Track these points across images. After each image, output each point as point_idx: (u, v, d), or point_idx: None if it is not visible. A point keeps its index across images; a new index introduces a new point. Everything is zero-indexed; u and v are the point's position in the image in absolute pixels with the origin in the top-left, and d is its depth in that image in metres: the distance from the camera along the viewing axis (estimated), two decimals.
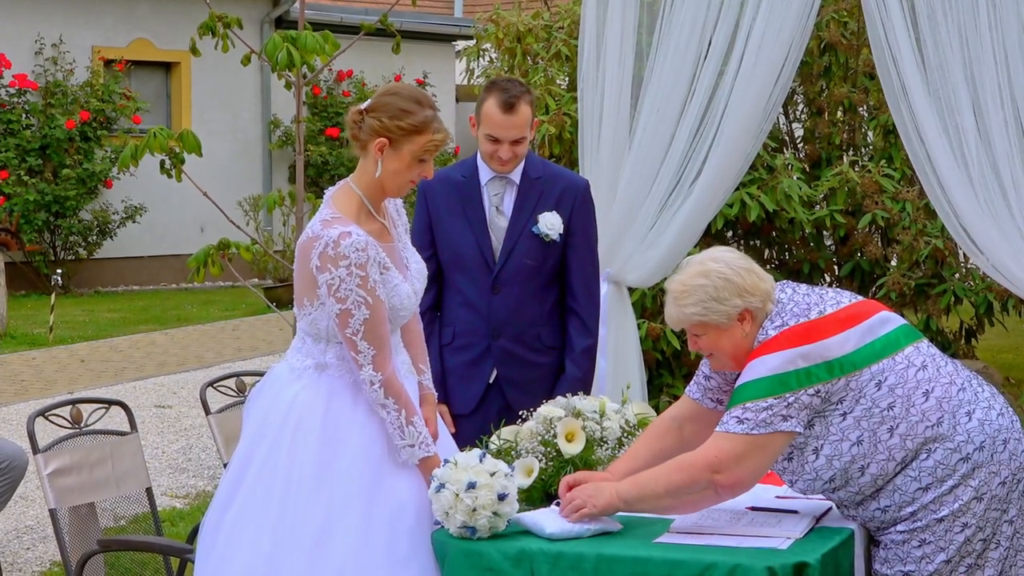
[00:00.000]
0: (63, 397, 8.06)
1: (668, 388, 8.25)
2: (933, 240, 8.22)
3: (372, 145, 4.30)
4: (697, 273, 4.11)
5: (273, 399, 4.37)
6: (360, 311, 4.21)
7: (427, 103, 4.34)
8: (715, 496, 4.06)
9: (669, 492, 4.06)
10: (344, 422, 4.29)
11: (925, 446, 4.00)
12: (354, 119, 4.34)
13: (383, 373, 4.25)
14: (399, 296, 4.36)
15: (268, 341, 14.31)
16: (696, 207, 6.19)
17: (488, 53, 10.30)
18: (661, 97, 6.15)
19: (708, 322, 4.09)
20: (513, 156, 5.22)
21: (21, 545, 7.53)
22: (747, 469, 4.01)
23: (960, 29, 5.65)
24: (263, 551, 4.19)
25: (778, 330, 4.05)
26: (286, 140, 20.21)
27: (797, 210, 8.43)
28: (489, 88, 5.23)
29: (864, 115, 9.17)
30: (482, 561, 4.02)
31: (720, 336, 4.11)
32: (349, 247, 4.19)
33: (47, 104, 17.84)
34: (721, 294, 4.06)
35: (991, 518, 4.00)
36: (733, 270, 4.09)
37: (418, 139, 4.30)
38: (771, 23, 5.96)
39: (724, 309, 4.07)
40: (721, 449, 4.00)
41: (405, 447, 4.27)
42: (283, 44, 6.61)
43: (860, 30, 8.91)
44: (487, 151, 5.25)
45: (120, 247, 18.71)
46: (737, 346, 4.11)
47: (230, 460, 4.57)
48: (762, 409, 3.96)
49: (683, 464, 4.07)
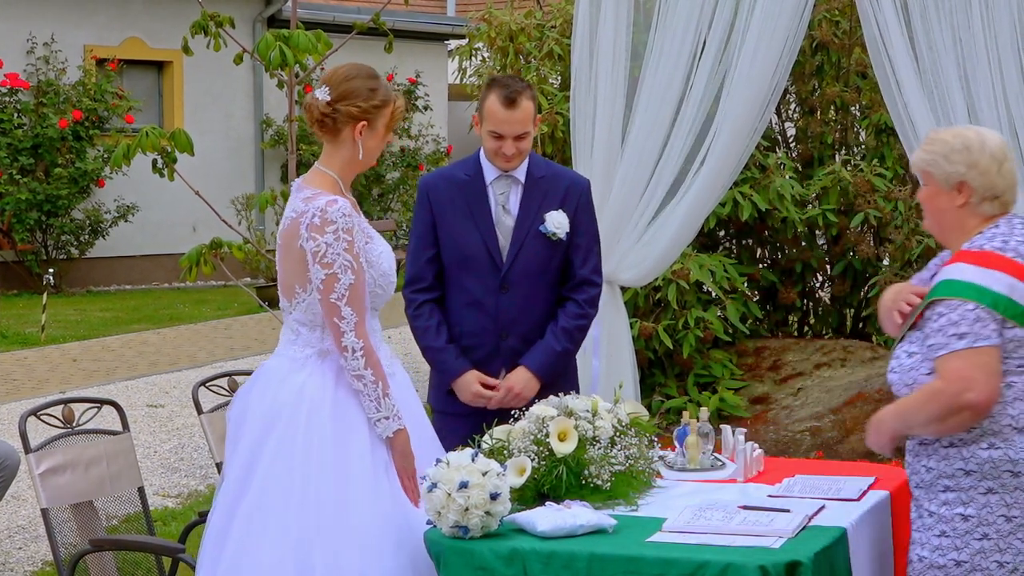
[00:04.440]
0: (55, 396, 8.05)
1: (660, 387, 8.26)
2: (925, 239, 8.22)
3: (349, 130, 4.44)
4: (954, 132, 4.18)
5: (276, 392, 4.40)
6: (346, 276, 4.31)
7: (376, 74, 4.54)
8: (972, 417, 3.98)
9: (930, 421, 4.02)
10: (354, 404, 4.36)
11: (993, 437, 3.99)
12: (324, 112, 4.45)
13: (364, 341, 4.32)
14: (388, 261, 4.51)
15: (260, 340, 14.30)
16: (691, 207, 6.19)
17: (481, 52, 10.30)
18: (656, 96, 6.15)
19: (931, 173, 4.12)
20: (517, 152, 5.20)
21: (13, 544, 7.52)
22: (992, 379, 3.95)
23: (953, 29, 5.66)
24: (290, 537, 4.24)
25: (1000, 250, 4.03)
26: (278, 139, 20.18)
27: (789, 209, 8.44)
28: (490, 85, 5.23)
29: (856, 114, 9.18)
30: (474, 560, 4.02)
31: (936, 194, 4.13)
32: (336, 212, 4.32)
33: (39, 103, 17.80)
34: (952, 155, 4.09)
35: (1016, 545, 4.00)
36: (980, 145, 4.11)
37: (386, 111, 4.49)
38: (766, 22, 5.96)
39: (947, 169, 4.09)
40: (959, 369, 3.94)
41: (381, 419, 4.34)
42: (276, 43, 6.61)
43: (852, 29, 8.92)
44: (491, 148, 5.22)
45: (112, 246, 18.68)
46: (944, 213, 4.13)
47: (226, 462, 4.56)
48: (973, 321, 3.94)
49: (932, 393, 4.00)
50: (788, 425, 7.67)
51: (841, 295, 9.01)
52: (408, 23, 20.35)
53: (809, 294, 9.25)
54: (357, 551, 4.22)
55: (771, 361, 8.41)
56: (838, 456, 7.26)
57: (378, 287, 4.47)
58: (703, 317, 8.14)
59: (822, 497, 4.41)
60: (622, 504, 4.37)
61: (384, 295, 4.52)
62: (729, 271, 8.31)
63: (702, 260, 8.19)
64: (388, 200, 21.50)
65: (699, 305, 8.21)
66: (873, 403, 7.48)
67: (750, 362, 8.45)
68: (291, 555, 4.23)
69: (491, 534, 4.08)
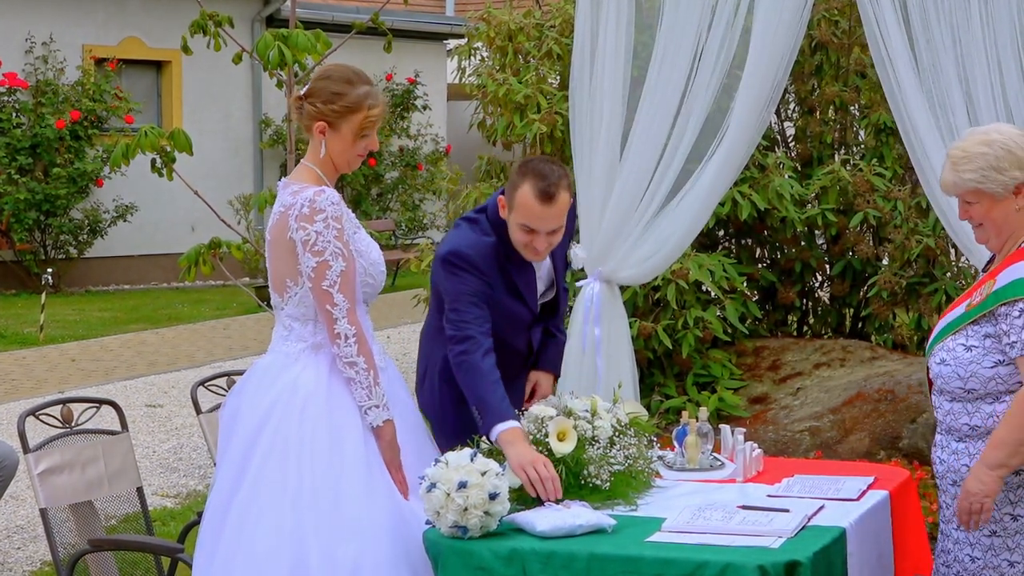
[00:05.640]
0: (54, 396, 8.05)
1: (660, 387, 8.25)
2: (925, 239, 8.21)
3: (315, 128, 4.46)
4: (980, 141, 4.14)
5: (270, 388, 4.41)
6: (337, 263, 4.33)
7: (359, 80, 4.48)
8: None
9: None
10: (348, 396, 4.37)
11: None
12: (295, 105, 4.52)
13: (357, 328, 4.34)
14: (375, 251, 4.53)
15: (259, 340, 14.29)
16: (692, 207, 6.18)
17: (480, 52, 10.29)
18: (656, 96, 6.15)
19: (984, 190, 4.11)
20: (549, 246, 4.84)
21: (11, 544, 7.51)
22: None
23: (953, 28, 5.66)
24: (285, 528, 4.25)
25: None
26: (277, 139, 20.18)
27: (789, 209, 8.43)
28: (524, 172, 4.76)
29: (855, 114, 9.17)
30: (473, 560, 4.02)
31: (993, 206, 4.12)
32: (325, 201, 4.33)
33: (37, 103, 17.80)
34: (1001, 164, 4.09)
35: None
36: (1016, 143, 4.12)
37: (354, 117, 4.45)
38: (767, 22, 5.96)
39: (1002, 179, 4.09)
40: None
41: (371, 407, 4.35)
42: (274, 43, 6.61)
43: (851, 29, 8.91)
44: (520, 240, 4.81)
45: (111, 246, 18.68)
46: (1007, 219, 4.13)
47: (220, 457, 4.57)
48: None
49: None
50: (787, 425, 7.66)
51: (840, 295, 9.00)
52: (407, 23, 20.35)
53: (808, 294, 9.24)
54: (352, 542, 4.22)
55: (770, 361, 8.40)
56: (837, 456, 7.25)
57: (368, 276, 4.49)
58: (702, 317, 8.14)
59: (821, 497, 4.41)
60: (621, 504, 4.37)
61: (375, 285, 4.54)
62: (728, 271, 8.30)
63: (701, 260, 8.18)
64: (387, 200, 21.50)
65: (698, 305, 8.20)
66: (872, 403, 7.48)
67: (749, 362, 8.44)
68: (286, 546, 4.23)
69: (490, 534, 4.08)
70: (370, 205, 21.01)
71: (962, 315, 4.17)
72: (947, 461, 4.21)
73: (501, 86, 9.12)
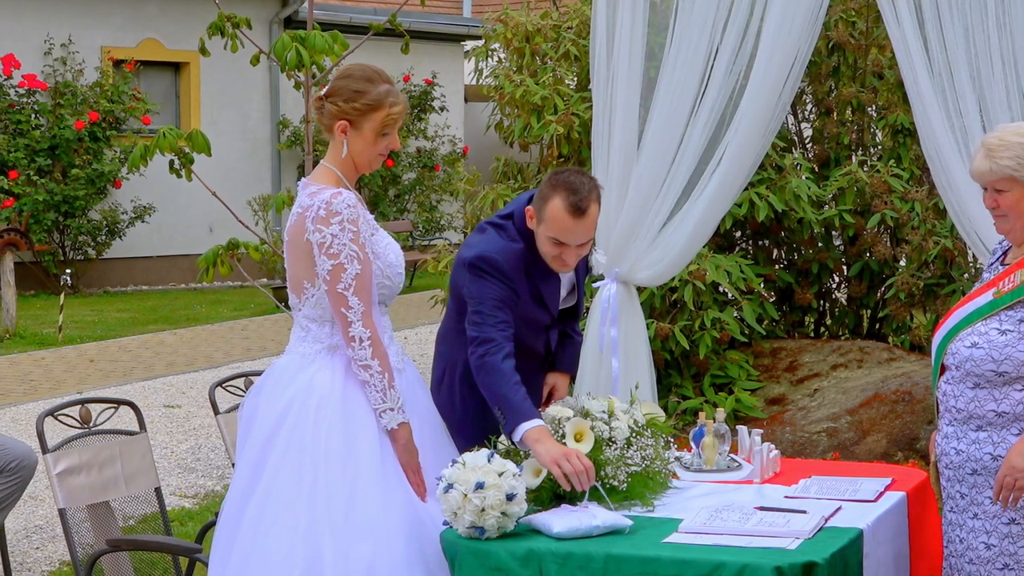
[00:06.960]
0: (72, 397, 8.08)
1: (677, 388, 8.25)
2: (942, 240, 8.21)
3: (336, 128, 4.46)
4: (1016, 131, 4.18)
5: (286, 388, 4.42)
6: (352, 265, 4.34)
7: (380, 79, 4.49)
8: None
9: None
10: (363, 397, 4.38)
11: None
12: (316, 106, 4.54)
13: (372, 331, 4.35)
14: (393, 253, 4.52)
15: (277, 341, 14.31)
16: (707, 206, 6.18)
17: (497, 53, 10.30)
18: (671, 97, 6.15)
19: (1018, 178, 4.13)
20: (577, 258, 4.83)
21: (30, 544, 7.54)
22: None
23: (967, 30, 5.65)
24: (300, 528, 4.25)
25: None
26: (295, 140, 20.22)
27: (806, 210, 8.43)
28: (555, 184, 4.71)
29: (873, 115, 9.16)
30: (490, 561, 4.03)
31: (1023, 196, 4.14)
32: (341, 204, 4.34)
33: (56, 104, 17.86)
34: None
35: None
36: None
37: (375, 115, 4.46)
38: (782, 22, 5.95)
39: None
40: None
41: (386, 410, 4.36)
42: (292, 44, 6.62)
43: (868, 30, 8.90)
44: (549, 252, 4.77)
45: (129, 247, 18.73)
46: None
47: (237, 457, 4.59)
48: None
49: None
50: (804, 426, 7.65)
51: (858, 296, 8.99)
52: (424, 24, 20.38)
53: (826, 295, 9.23)
54: (366, 542, 4.23)
55: (787, 362, 8.40)
56: (855, 457, 7.24)
57: (386, 278, 4.49)
58: (719, 318, 8.14)
59: (838, 498, 4.40)
60: (638, 505, 4.37)
61: (392, 287, 4.54)
62: (745, 272, 8.30)
63: (718, 261, 8.18)
64: (404, 201, 21.53)
65: (715, 306, 8.20)
66: (890, 404, 7.47)
67: (766, 363, 8.44)
68: (301, 546, 4.24)
69: (507, 535, 4.09)
70: (387, 206, 21.04)
71: (992, 302, 4.18)
72: (965, 451, 4.20)
73: (518, 87, 9.13)
